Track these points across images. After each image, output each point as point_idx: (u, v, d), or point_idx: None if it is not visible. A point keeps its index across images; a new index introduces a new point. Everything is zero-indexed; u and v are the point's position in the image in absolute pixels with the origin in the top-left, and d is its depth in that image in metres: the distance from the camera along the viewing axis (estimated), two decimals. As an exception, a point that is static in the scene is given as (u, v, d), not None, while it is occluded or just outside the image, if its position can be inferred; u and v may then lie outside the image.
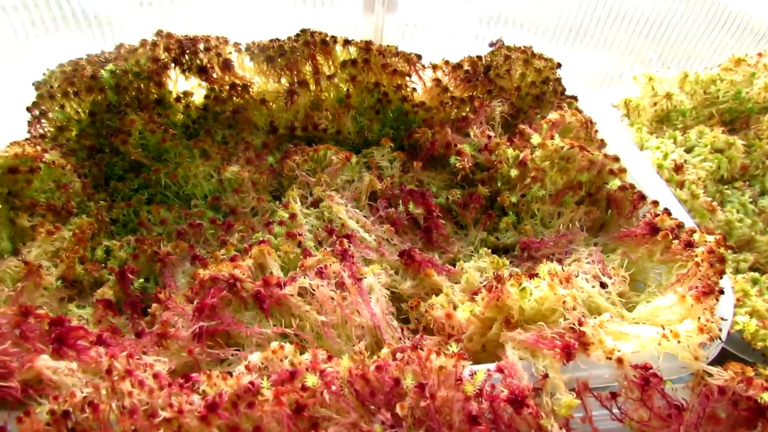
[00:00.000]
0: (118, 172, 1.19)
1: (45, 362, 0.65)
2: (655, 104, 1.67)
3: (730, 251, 1.27)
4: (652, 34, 2.13)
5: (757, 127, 1.62)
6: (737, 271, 1.21)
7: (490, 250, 1.07)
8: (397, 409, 0.61)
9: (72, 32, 1.84)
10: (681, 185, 1.30)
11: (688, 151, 1.53)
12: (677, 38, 2.16)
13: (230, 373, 0.65)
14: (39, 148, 0.99)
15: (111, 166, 1.19)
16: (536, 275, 0.81)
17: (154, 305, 0.83)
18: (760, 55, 1.73)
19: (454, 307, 0.87)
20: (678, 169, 1.33)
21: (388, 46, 1.34)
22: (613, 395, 0.73)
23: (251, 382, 0.62)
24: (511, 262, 1.06)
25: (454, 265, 1.04)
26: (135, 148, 1.18)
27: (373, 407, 0.63)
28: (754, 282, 1.15)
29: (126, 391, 0.60)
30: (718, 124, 1.62)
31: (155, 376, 0.62)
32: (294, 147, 1.21)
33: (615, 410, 0.72)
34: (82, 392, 0.61)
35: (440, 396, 0.62)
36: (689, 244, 0.91)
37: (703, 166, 1.46)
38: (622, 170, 1.13)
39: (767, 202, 1.42)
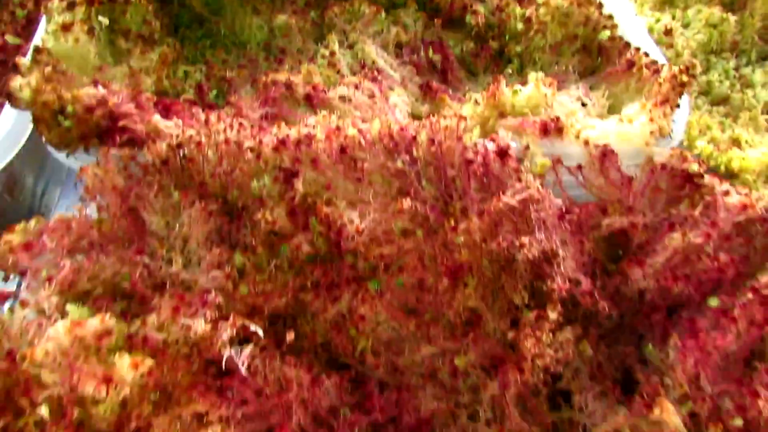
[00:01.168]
0: (185, 23, 1.41)
1: (158, 118, 0.90)
2: (659, -15, 1.81)
3: (708, 106, 1.46)
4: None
5: (752, 7, 1.76)
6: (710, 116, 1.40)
7: (495, 88, 1.28)
8: (414, 152, 0.85)
9: None
10: (669, 46, 1.48)
11: (685, 26, 1.68)
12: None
13: (292, 130, 0.89)
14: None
15: (179, 17, 1.41)
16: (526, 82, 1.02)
17: (226, 107, 1.07)
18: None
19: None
20: (668, 32, 1.50)
21: None
22: (579, 167, 0.95)
23: (308, 131, 0.86)
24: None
25: (465, 98, 1.26)
26: (199, 2, 1.40)
27: (396, 154, 0.87)
28: (721, 123, 1.35)
29: (221, 130, 0.84)
30: (718, 3, 1.76)
31: (240, 123, 0.86)
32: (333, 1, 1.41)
33: (580, 178, 0.95)
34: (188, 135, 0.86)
35: (446, 145, 0.85)
36: (656, 71, 1.11)
37: (696, 38, 1.62)
38: (614, 25, 1.32)
39: (749, 71, 1.59)
